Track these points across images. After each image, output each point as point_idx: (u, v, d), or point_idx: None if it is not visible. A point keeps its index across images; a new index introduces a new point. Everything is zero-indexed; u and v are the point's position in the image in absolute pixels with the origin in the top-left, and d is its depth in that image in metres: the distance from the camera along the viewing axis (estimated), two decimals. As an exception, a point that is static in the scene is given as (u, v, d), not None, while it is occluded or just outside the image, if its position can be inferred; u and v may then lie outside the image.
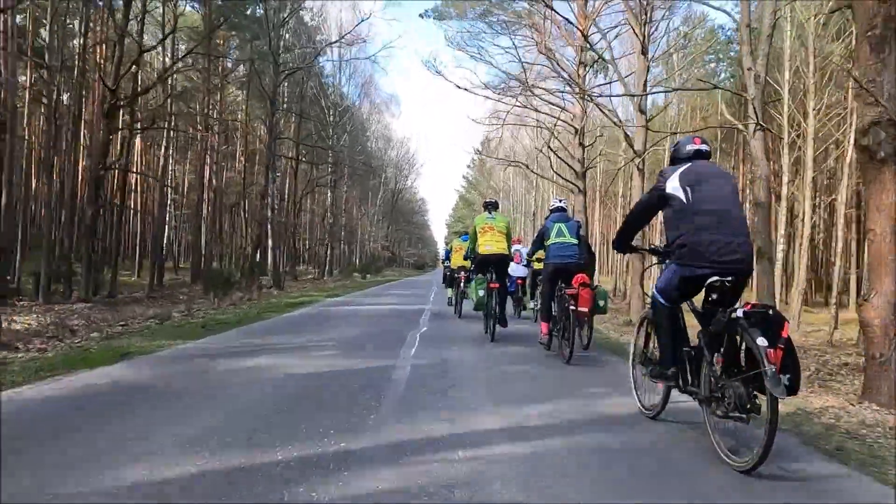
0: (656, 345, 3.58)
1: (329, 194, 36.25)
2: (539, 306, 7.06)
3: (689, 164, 3.36)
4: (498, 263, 7.34)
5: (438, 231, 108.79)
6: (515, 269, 10.61)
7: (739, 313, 2.83)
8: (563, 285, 6.00)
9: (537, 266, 8.88)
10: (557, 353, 6.02)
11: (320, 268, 35.84)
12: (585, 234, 20.48)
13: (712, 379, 3.01)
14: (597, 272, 19.65)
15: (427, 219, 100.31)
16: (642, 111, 16.57)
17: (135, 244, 34.62)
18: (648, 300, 3.75)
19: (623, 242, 3.88)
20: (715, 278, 3.06)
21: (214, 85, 31.41)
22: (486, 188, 53.95)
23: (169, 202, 32.84)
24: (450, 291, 12.83)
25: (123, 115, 20.53)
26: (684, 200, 3.20)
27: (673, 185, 3.27)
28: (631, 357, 4.09)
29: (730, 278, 3.05)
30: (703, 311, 3.26)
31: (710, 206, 3.15)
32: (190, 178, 37.08)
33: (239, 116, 34.26)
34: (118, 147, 23.00)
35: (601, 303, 6.30)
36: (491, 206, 7.81)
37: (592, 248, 9.39)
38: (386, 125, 58.62)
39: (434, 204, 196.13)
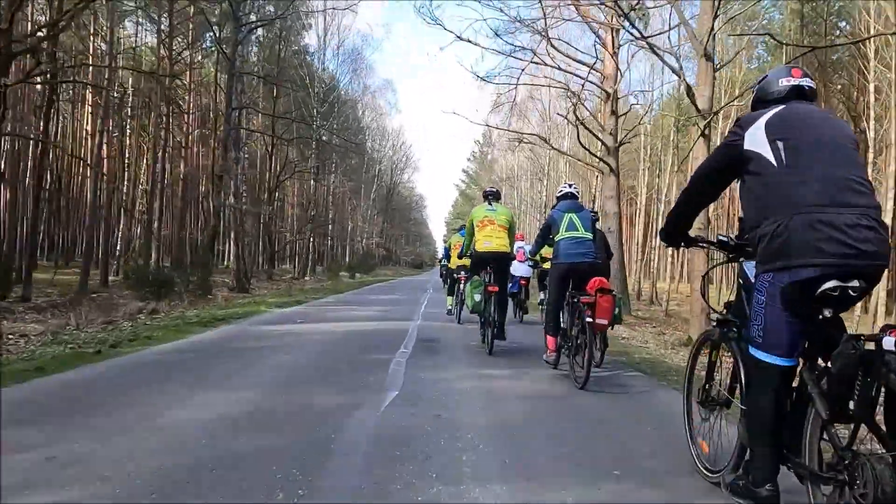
0: (730, 384, 2.42)
1: (312, 182, 31.93)
2: (544, 316, 5.91)
3: (782, 107, 2.11)
4: (498, 263, 6.31)
5: (437, 229, 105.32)
6: (518, 268, 9.54)
7: (890, 344, 1.66)
8: (575, 291, 4.88)
9: (546, 266, 7.41)
10: (569, 372, 4.79)
11: (300, 266, 31.49)
12: (617, 228, 16.56)
13: (833, 449, 1.85)
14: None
15: (425, 215, 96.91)
16: (709, 57, 12.33)
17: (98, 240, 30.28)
18: (714, 316, 2.58)
19: (675, 231, 2.46)
20: (831, 284, 1.86)
21: (178, 53, 27.19)
22: (487, 182, 49.86)
23: (125, 192, 28.58)
24: (449, 300, 10.85)
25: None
26: (773, 162, 2.02)
27: (755, 140, 2.07)
28: (684, 392, 2.82)
29: (855, 283, 1.86)
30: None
31: (818, 169, 1.96)
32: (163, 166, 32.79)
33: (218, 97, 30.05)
34: (58, 120, 18.77)
35: (616, 310, 5.16)
36: (491, 196, 6.69)
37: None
38: (381, 113, 54.33)
39: (433, 200, 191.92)
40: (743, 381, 2.28)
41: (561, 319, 5.09)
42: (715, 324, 2.64)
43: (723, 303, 2.61)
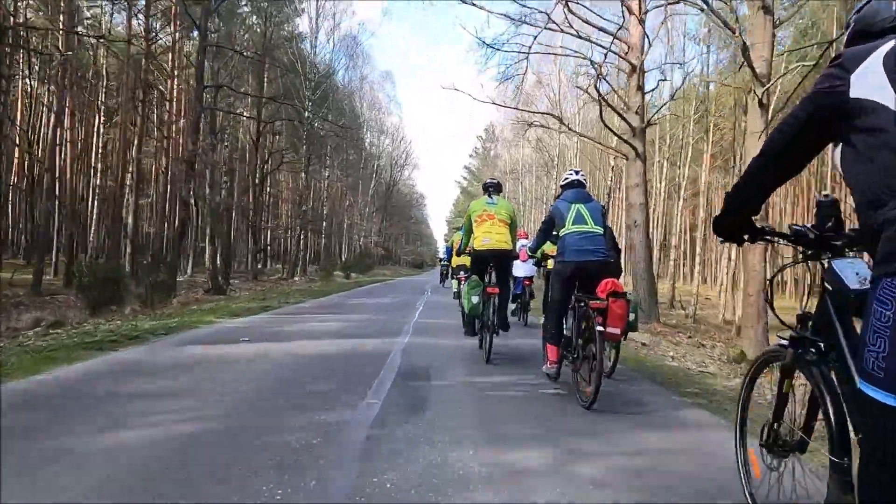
0: (806, 421, 1.88)
1: (303, 175, 29.67)
2: (544, 322, 4.84)
3: None
4: (499, 261, 5.63)
5: (438, 228, 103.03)
6: (520, 268, 9.01)
7: None
8: (582, 294, 4.20)
9: (549, 265, 6.61)
10: (572, 386, 4.17)
11: (289, 265, 29.27)
12: (644, 221, 14.43)
13: None
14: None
15: (426, 213, 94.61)
16: (767, 10, 10.25)
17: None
18: (782, 333, 1.98)
19: (735, 220, 1.86)
20: None
21: (155, 33, 25.00)
22: (490, 178, 47.61)
23: (98, 185, 26.32)
24: (455, 284, 10.73)
25: None
26: None
27: (869, 82, 1.47)
28: (736, 426, 2.23)
29: None
30: None
31: None
32: (146, 159, 30.56)
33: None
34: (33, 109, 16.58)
35: (631, 316, 4.31)
36: (492, 189, 5.98)
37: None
38: (379, 108, 52.03)
39: (432, 201, 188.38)
40: (833, 424, 1.69)
41: (564, 326, 4.43)
42: (786, 343, 1.96)
43: (794, 314, 1.96)
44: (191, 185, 16.58)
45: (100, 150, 24.85)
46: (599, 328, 3.81)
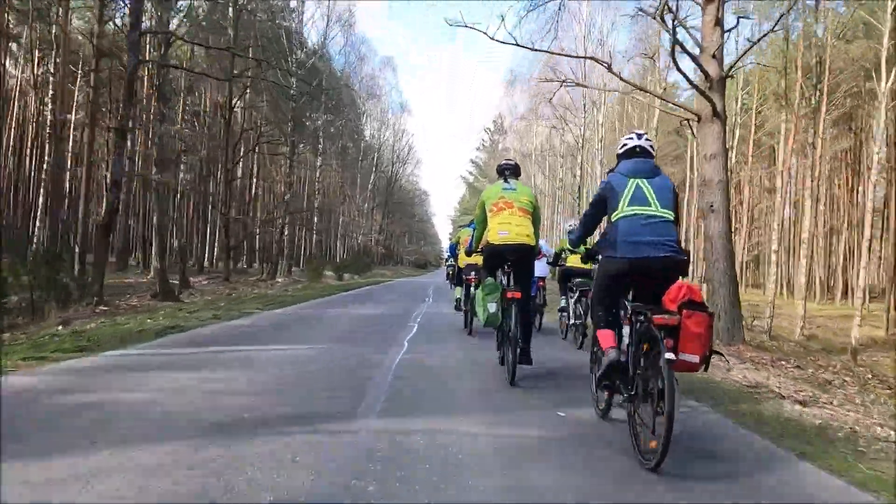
0: None
1: (288, 161, 25.90)
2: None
3: None
4: (519, 259, 4.64)
5: (443, 229, 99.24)
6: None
7: None
8: (641, 304, 3.03)
9: (573, 261, 6.23)
10: (629, 438, 2.86)
11: (270, 264, 25.49)
12: (724, 206, 11.29)
13: None
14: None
15: (430, 211, 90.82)
16: None
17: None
18: None
19: None
20: None
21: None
22: (507, 159, 43.64)
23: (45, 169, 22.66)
24: (458, 291, 9.03)
25: None
26: None
27: None
28: None
29: None
30: None
31: None
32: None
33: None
34: None
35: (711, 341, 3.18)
36: (508, 172, 4.93)
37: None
38: (380, 95, 48.19)
39: (438, 198, 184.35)
40: None
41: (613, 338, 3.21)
42: None
43: None
44: (122, 160, 12.80)
45: (46, 129, 21.18)
46: (669, 355, 2.66)
